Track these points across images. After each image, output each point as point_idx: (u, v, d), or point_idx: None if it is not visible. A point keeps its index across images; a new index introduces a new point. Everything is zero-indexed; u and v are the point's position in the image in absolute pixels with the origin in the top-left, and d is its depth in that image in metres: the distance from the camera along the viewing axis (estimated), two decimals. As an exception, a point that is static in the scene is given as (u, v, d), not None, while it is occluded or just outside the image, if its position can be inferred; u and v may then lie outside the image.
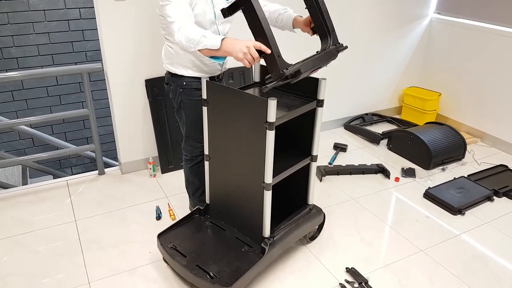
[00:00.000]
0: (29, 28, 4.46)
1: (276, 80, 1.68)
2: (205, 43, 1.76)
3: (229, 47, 1.71)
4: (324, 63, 1.85)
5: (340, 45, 1.90)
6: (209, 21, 2.05)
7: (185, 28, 1.81)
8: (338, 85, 3.75)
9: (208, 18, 2.04)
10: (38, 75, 3.37)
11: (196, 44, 1.77)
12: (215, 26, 2.08)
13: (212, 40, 1.75)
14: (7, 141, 4.79)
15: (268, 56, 1.67)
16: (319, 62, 1.81)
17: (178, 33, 1.82)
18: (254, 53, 1.68)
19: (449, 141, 3.37)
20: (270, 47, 1.66)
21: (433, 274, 2.26)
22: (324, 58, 1.85)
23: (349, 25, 3.63)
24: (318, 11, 1.88)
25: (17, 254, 2.36)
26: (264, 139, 1.85)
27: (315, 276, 2.22)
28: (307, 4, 1.92)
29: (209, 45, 1.75)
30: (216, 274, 1.96)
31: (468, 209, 2.79)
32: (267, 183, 1.94)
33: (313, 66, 1.78)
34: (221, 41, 1.73)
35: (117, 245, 2.43)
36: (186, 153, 2.42)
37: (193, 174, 2.46)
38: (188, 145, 2.37)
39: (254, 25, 1.67)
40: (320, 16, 1.88)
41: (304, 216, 2.30)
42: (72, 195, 2.91)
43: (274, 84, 1.68)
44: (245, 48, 1.67)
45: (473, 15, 3.68)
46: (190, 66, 2.14)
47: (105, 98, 3.61)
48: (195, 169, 2.44)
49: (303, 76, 1.76)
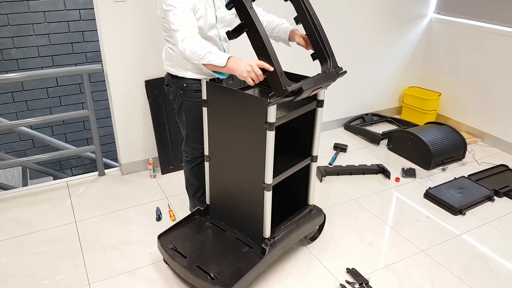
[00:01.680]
0: (29, 29, 4.47)
1: (279, 97, 1.72)
2: (210, 58, 1.80)
3: (234, 66, 1.77)
4: (325, 84, 1.91)
5: (340, 69, 1.97)
6: (210, 25, 2.05)
7: (189, 39, 1.83)
8: (338, 85, 3.73)
9: (210, 22, 2.04)
10: (38, 76, 3.36)
11: (201, 59, 1.81)
12: (216, 29, 2.09)
13: (218, 57, 1.79)
14: (7, 142, 4.79)
15: (271, 73, 1.72)
16: (320, 81, 1.87)
17: (182, 43, 1.84)
18: (258, 71, 1.73)
19: (449, 141, 3.37)
20: (273, 65, 1.71)
21: (434, 274, 2.26)
22: (326, 78, 1.90)
23: (349, 25, 3.63)
24: (318, 38, 1.95)
25: (17, 255, 2.35)
26: (264, 139, 1.85)
27: (316, 277, 2.22)
28: (307, 31, 1.99)
29: (214, 62, 1.80)
30: (216, 275, 1.96)
31: (469, 209, 2.79)
32: (267, 183, 1.94)
33: (314, 84, 1.83)
34: (227, 60, 1.78)
35: (117, 246, 2.43)
36: (186, 155, 2.42)
37: (193, 176, 2.46)
38: (188, 146, 2.37)
39: (258, 45, 1.75)
40: (320, 42, 1.96)
41: (304, 217, 2.29)
42: (72, 196, 2.91)
43: (277, 100, 1.72)
44: (248, 67, 1.73)
45: (473, 15, 3.68)
46: (190, 68, 2.13)
47: (105, 99, 3.61)
48: (195, 170, 2.44)
49: (305, 94, 1.80)
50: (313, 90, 1.85)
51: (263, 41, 1.72)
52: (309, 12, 1.95)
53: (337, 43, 3.61)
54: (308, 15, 1.95)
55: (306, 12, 1.95)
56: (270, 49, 1.72)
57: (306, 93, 1.81)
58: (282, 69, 1.74)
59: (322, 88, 1.93)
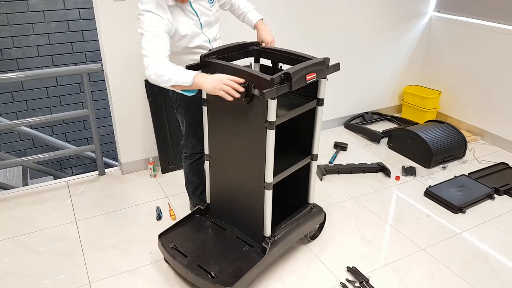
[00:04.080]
0: (28, 29, 4.46)
1: (271, 87, 1.71)
2: (175, 80, 1.82)
3: (201, 82, 1.81)
4: (314, 68, 1.88)
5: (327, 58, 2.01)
6: (195, 33, 2.07)
7: (154, 65, 1.84)
8: (338, 83, 3.74)
9: (195, 31, 2.06)
10: (38, 76, 3.36)
11: (167, 81, 1.83)
12: (203, 35, 2.10)
13: (183, 77, 1.82)
14: (8, 142, 4.79)
15: (252, 78, 1.75)
16: (309, 68, 1.86)
17: (147, 69, 1.86)
18: (231, 83, 1.76)
19: (450, 140, 3.37)
20: (244, 77, 1.76)
21: (434, 272, 2.26)
22: (314, 65, 1.89)
23: (349, 23, 3.63)
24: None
25: (18, 255, 2.36)
26: (264, 138, 1.85)
27: (316, 275, 2.22)
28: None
29: (180, 83, 1.82)
30: (217, 273, 1.96)
31: (469, 207, 2.79)
32: (267, 182, 1.94)
33: (302, 69, 1.81)
34: (193, 78, 1.81)
35: (118, 245, 2.43)
36: (185, 150, 2.42)
37: (192, 172, 2.46)
38: (188, 142, 2.37)
39: (225, 71, 1.83)
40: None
41: (305, 215, 2.30)
42: (72, 196, 2.91)
43: (270, 90, 1.71)
44: (217, 82, 1.77)
45: (473, 13, 3.68)
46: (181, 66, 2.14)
47: (105, 98, 3.61)
48: (194, 166, 2.44)
49: (296, 78, 1.78)
50: (302, 74, 1.82)
51: (229, 70, 1.82)
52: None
53: (337, 42, 3.63)
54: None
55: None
56: (236, 70, 1.80)
57: (297, 79, 1.79)
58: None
59: (313, 73, 1.89)
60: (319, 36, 3.51)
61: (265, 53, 2.19)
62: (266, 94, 1.69)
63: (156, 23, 1.90)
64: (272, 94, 1.72)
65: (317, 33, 3.50)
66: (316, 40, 3.51)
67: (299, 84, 1.81)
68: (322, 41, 3.54)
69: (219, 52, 2.01)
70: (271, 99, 1.75)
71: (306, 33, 3.46)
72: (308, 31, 3.45)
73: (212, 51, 1.99)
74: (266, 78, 1.72)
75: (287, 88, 1.76)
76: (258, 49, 2.20)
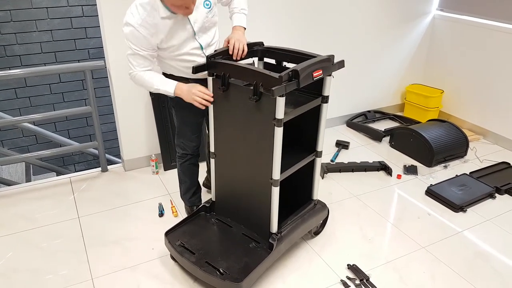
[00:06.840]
0: (32, 25, 4.47)
1: (279, 85, 1.71)
2: (158, 88, 2.04)
3: (179, 92, 2.02)
4: (320, 65, 1.90)
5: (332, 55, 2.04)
6: (186, 40, 2.04)
7: (137, 78, 2.06)
8: (341, 82, 3.74)
9: (187, 38, 2.03)
10: (41, 72, 3.38)
11: (150, 89, 2.08)
12: (194, 41, 2.06)
13: (165, 88, 2.03)
14: (11, 138, 4.81)
15: (258, 77, 1.80)
16: (316, 65, 1.87)
17: (132, 79, 2.08)
18: (200, 93, 1.97)
19: (452, 139, 3.37)
20: (252, 76, 1.83)
21: (435, 271, 2.27)
22: (320, 63, 1.90)
23: (352, 23, 3.62)
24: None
25: (21, 251, 2.37)
26: (272, 135, 1.86)
27: (317, 273, 2.23)
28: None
29: (162, 91, 2.04)
30: (225, 270, 1.98)
31: (470, 206, 2.80)
32: (275, 179, 1.95)
33: (308, 66, 1.82)
34: (174, 89, 2.03)
35: (120, 241, 2.45)
36: (178, 149, 2.43)
37: (183, 172, 2.48)
38: (180, 141, 2.38)
39: (232, 71, 1.93)
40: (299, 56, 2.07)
41: (309, 211, 2.31)
42: (75, 192, 2.93)
43: (279, 88, 1.71)
44: (190, 94, 1.99)
45: (476, 12, 3.67)
46: (174, 71, 2.15)
47: (108, 95, 3.62)
48: (186, 166, 2.45)
49: (303, 75, 1.78)
50: (309, 71, 1.82)
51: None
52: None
53: (340, 40, 3.63)
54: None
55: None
56: (240, 68, 1.89)
57: (304, 76, 1.79)
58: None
59: (320, 70, 1.89)
60: (322, 35, 3.51)
61: (269, 52, 2.19)
62: (275, 91, 1.70)
63: (136, 41, 1.96)
64: (281, 92, 1.72)
65: (320, 32, 3.50)
66: (319, 40, 3.51)
67: (307, 81, 1.82)
68: (325, 40, 3.54)
69: (224, 52, 2.03)
70: (280, 97, 1.76)
71: (309, 32, 3.46)
72: (311, 31, 3.45)
73: (218, 51, 2.00)
74: (275, 76, 1.73)
75: (295, 86, 1.77)
76: (262, 49, 2.20)
